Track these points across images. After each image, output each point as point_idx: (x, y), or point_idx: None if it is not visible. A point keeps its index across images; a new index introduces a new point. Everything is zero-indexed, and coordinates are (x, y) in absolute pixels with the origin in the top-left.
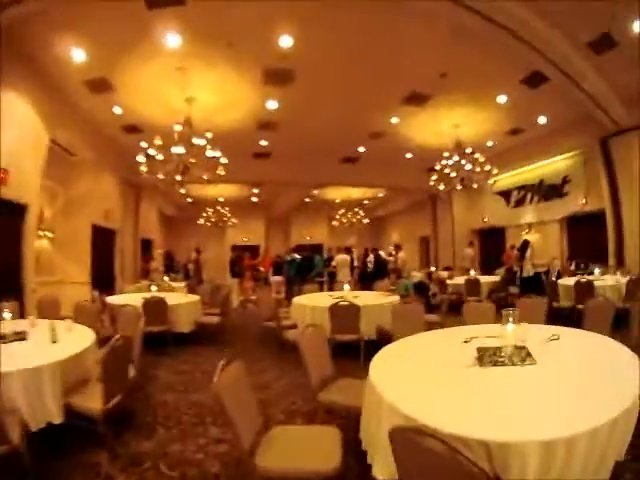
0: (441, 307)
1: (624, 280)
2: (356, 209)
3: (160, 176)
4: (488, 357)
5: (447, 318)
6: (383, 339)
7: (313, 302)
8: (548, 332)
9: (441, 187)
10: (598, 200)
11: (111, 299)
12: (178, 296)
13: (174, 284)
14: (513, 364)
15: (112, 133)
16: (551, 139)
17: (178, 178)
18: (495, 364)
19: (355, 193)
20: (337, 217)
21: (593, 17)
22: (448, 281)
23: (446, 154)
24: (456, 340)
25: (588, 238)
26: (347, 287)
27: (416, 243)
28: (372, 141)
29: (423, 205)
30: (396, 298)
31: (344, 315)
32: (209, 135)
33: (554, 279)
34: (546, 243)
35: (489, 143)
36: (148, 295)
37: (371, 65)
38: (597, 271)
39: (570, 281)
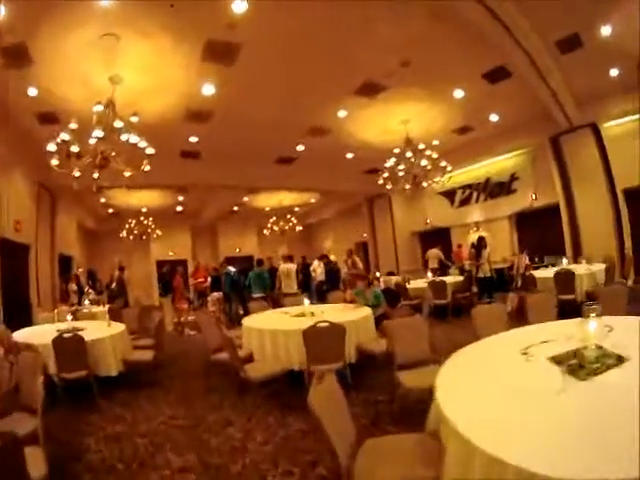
0: (422, 314)
1: (595, 268)
2: (288, 216)
3: (76, 173)
4: (576, 366)
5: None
6: (364, 360)
7: (271, 325)
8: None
9: (388, 187)
10: (547, 196)
11: (19, 334)
12: (100, 326)
13: (95, 309)
14: (608, 367)
15: (25, 123)
16: (500, 138)
17: (96, 176)
18: (595, 373)
19: (286, 199)
20: (268, 225)
21: (567, 16)
22: (407, 285)
23: (397, 150)
24: (508, 352)
25: (538, 233)
26: (307, 301)
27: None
28: (313, 139)
29: (358, 210)
30: (367, 310)
31: (325, 339)
32: (134, 119)
33: (526, 273)
34: (495, 241)
35: (435, 142)
36: (65, 326)
37: (326, 47)
38: (564, 261)
39: (547, 273)
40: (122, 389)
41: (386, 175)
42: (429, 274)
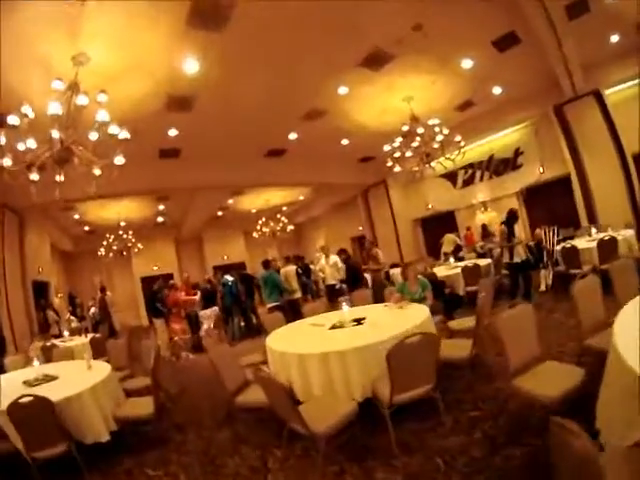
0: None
1: (627, 233)
2: (278, 215)
3: (34, 176)
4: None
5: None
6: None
7: (313, 345)
8: None
9: (397, 169)
10: (555, 168)
11: None
12: (78, 371)
13: (74, 341)
14: None
15: None
16: (502, 111)
17: (59, 179)
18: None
19: (274, 198)
20: (257, 227)
21: None
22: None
23: (405, 127)
24: None
25: (548, 207)
26: (346, 307)
27: (347, 245)
28: (307, 123)
29: (352, 203)
30: (423, 309)
31: (415, 358)
32: (103, 98)
33: (557, 247)
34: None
35: (435, 120)
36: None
37: (330, 10)
38: (594, 231)
39: (582, 244)
40: (119, 457)
41: (397, 154)
42: (451, 260)
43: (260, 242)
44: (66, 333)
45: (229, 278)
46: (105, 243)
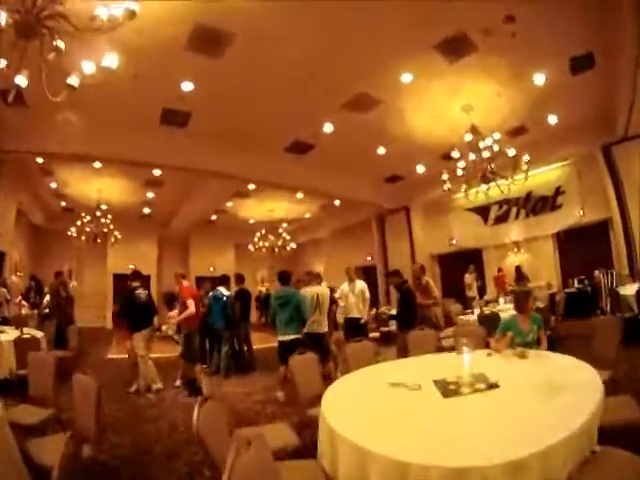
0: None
1: None
2: (280, 230)
3: None
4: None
5: None
6: None
7: (431, 440)
8: None
9: (462, 191)
10: (596, 211)
11: None
12: None
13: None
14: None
15: None
16: (550, 144)
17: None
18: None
19: (279, 210)
20: (255, 239)
21: None
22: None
23: (469, 137)
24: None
25: (583, 252)
26: (467, 354)
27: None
28: (349, 114)
29: (363, 228)
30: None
31: None
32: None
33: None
34: (537, 262)
35: (497, 135)
36: None
37: None
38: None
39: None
40: None
41: (461, 168)
42: (501, 300)
43: (255, 257)
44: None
45: (225, 292)
46: (79, 223)
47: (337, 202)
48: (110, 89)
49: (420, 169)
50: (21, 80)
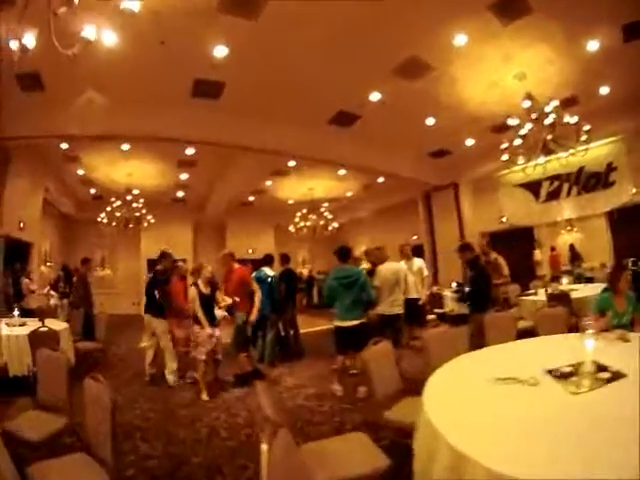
0: None
1: None
2: (322, 209)
3: None
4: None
5: None
6: None
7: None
8: None
9: (520, 162)
10: None
11: None
12: None
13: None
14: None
15: None
16: (602, 117)
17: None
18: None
19: (319, 189)
20: (296, 220)
21: None
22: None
23: (527, 103)
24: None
25: (638, 232)
26: (590, 340)
27: (395, 255)
28: (398, 81)
29: (407, 207)
30: None
31: None
32: None
33: None
34: (591, 243)
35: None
36: None
37: None
38: None
39: None
40: None
41: (521, 136)
42: (564, 280)
43: (296, 238)
44: (16, 312)
45: (269, 273)
46: (109, 209)
47: (381, 179)
48: (134, 60)
49: (469, 142)
50: (29, 40)
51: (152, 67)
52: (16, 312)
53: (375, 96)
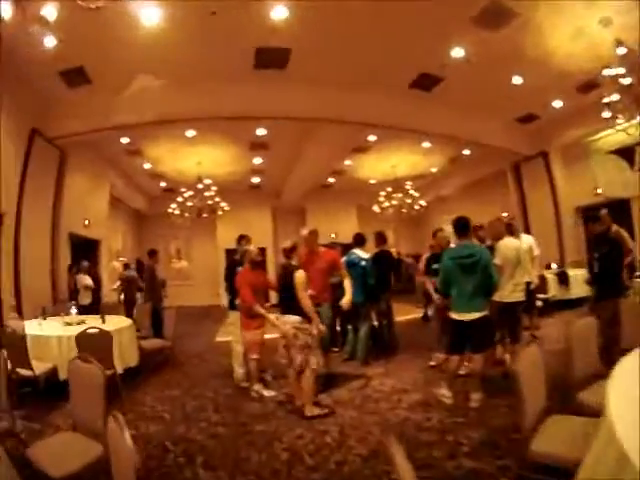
0: None
1: None
2: (408, 186)
3: None
4: None
5: None
6: None
7: None
8: None
9: (606, 114)
10: None
11: None
12: None
13: (58, 330)
14: None
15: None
16: None
17: None
18: None
19: (401, 166)
20: (381, 199)
21: None
22: None
23: (621, 50)
24: None
25: None
26: None
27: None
28: (479, 33)
29: (495, 181)
30: None
31: None
32: None
33: None
34: None
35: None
36: None
37: None
38: None
39: None
40: None
41: (627, 85)
42: None
43: (380, 219)
44: (73, 310)
45: (363, 255)
46: (180, 199)
47: (467, 152)
48: (185, 36)
49: (557, 104)
50: (49, 12)
51: (206, 41)
52: (73, 310)
53: (457, 52)
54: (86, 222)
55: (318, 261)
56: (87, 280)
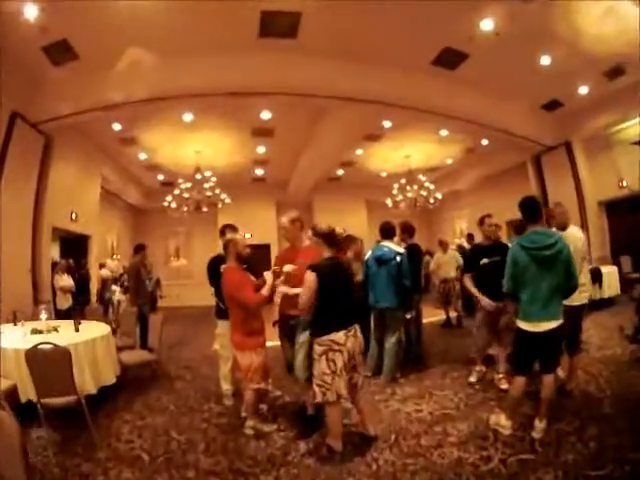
0: None
1: None
2: (423, 178)
3: None
4: None
5: None
6: None
7: None
8: None
9: None
10: None
11: None
12: None
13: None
14: None
15: None
16: None
17: None
18: None
19: (416, 156)
20: (394, 192)
21: None
22: None
23: None
24: None
25: None
26: None
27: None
28: (510, 3)
29: (514, 173)
30: None
31: None
32: None
33: None
34: None
35: None
36: None
37: None
38: None
39: None
40: None
41: None
42: None
43: (392, 214)
44: (43, 315)
45: (395, 248)
46: (177, 192)
47: (485, 142)
48: (178, 3)
49: (583, 90)
50: None
51: (203, 6)
52: (43, 315)
53: (487, 24)
54: (73, 216)
55: (299, 260)
56: (63, 281)
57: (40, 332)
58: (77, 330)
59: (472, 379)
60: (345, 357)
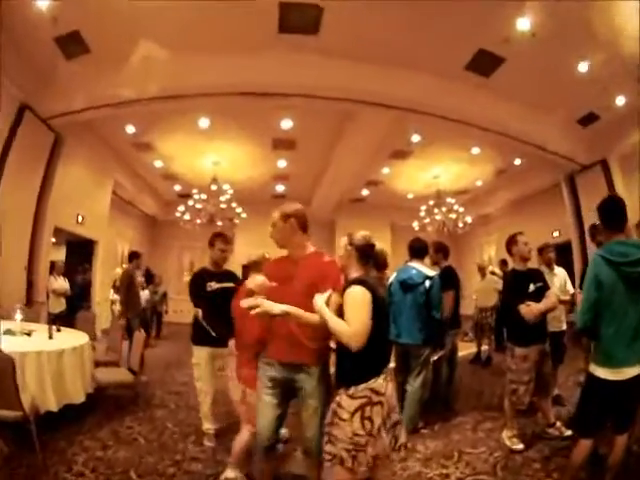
0: None
1: None
2: (452, 201)
3: None
4: None
5: None
6: None
7: None
8: None
9: None
10: None
11: None
12: None
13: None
14: None
15: None
16: None
17: None
18: None
19: (445, 177)
20: (421, 214)
21: None
22: None
23: None
24: None
25: None
26: None
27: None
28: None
29: (543, 196)
30: None
31: None
32: None
33: None
34: None
35: None
36: None
37: None
38: None
39: None
40: None
41: None
42: None
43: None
44: (18, 316)
45: (425, 271)
46: (190, 202)
47: (517, 162)
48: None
49: (620, 101)
50: None
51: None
52: (18, 315)
53: (523, 24)
54: (79, 218)
55: (298, 274)
56: (57, 283)
57: (13, 333)
58: (50, 337)
59: (518, 447)
60: (385, 411)
